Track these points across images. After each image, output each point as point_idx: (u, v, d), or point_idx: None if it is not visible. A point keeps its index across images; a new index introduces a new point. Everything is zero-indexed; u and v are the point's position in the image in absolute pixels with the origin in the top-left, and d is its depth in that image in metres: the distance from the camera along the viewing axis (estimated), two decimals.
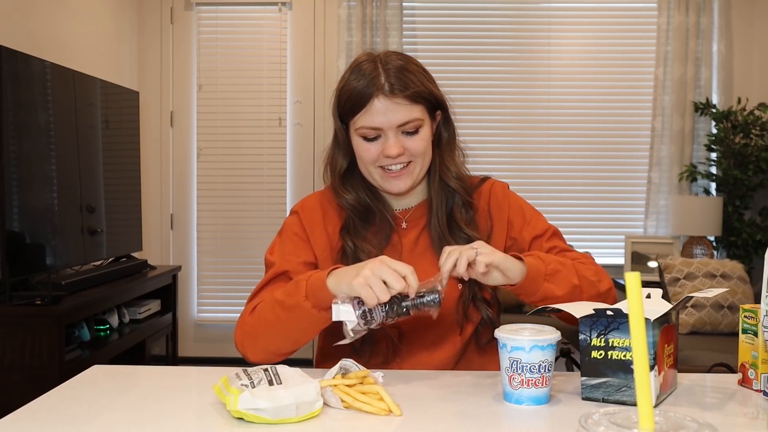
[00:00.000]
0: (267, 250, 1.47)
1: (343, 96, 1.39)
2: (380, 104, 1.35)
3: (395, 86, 1.34)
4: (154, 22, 4.70)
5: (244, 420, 1.03)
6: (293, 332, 1.29)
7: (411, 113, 1.36)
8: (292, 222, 1.48)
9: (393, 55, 1.40)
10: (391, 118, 1.35)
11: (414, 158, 1.40)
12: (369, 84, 1.35)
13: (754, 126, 4.33)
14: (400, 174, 1.40)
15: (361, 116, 1.36)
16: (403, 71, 1.37)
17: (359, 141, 1.39)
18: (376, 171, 1.41)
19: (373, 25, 4.58)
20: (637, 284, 0.68)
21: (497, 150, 4.69)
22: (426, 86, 1.39)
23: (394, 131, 1.36)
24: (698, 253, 4.31)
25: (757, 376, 1.20)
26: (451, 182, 1.46)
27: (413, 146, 1.38)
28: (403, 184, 1.41)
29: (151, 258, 4.19)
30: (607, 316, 1.12)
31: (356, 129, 1.38)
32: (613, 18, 4.70)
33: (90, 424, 1.03)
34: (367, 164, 1.41)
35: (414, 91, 1.36)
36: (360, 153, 1.40)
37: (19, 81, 2.86)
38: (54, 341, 2.70)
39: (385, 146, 1.37)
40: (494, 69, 4.72)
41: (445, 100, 1.44)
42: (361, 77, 1.36)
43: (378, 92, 1.34)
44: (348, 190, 1.45)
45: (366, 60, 1.40)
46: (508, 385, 1.13)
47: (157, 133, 4.71)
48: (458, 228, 1.44)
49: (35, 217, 2.98)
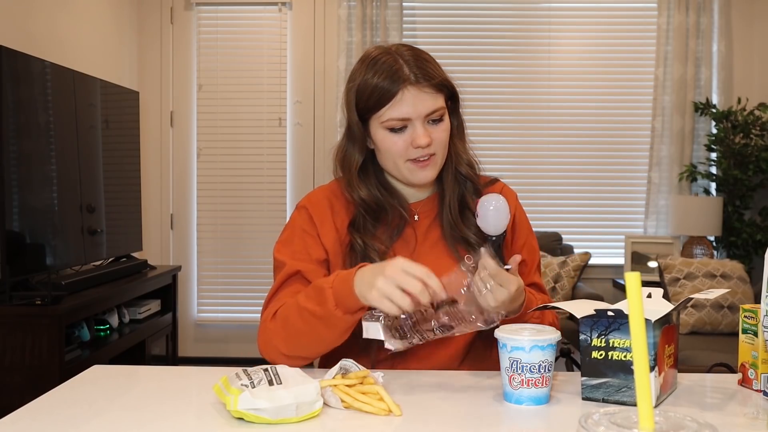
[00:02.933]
0: (275, 248, 1.45)
1: (365, 92, 1.37)
2: (409, 94, 1.34)
3: (420, 76, 1.35)
4: (154, 22, 4.70)
5: (244, 420, 1.03)
6: (329, 339, 1.29)
7: (436, 102, 1.37)
8: (300, 217, 1.46)
9: (403, 47, 1.40)
10: (419, 107, 1.35)
11: (437, 149, 1.40)
12: (394, 76, 1.34)
13: (754, 126, 4.33)
14: (426, 164, 1.39)
15: (389, 109, 1.35)
16: (421, 61, 1.38)
17: (385, 134, 1.38)
18: (405, 164, 1.39)
19: (373, 25, 4.58)
20: (637, 284, 0.68)
21: (497, 150, 4.69)
22: (445, 75, 1.41)
23: (421, 121, 1.36)
24: (698, 253, 4.31)
25: (757, 376, 1.20)
26: (463, 168, 1.46)
27: (438, 136, 1.38)
28: (430, 174, 1.40)
29: (151, 258, 4.19)
30: (608, 316, 1.12)
31: (382, 122, 1.37)
32: (613, 18, 4.70)
33: (90, 424, 1.03)
34: (396, 157, 1.39)
35: (439, 80, 1.37)
36: (388, 146, 1.38)
37: (19, 81, 2.86)
38: (54, 341, 2.70)
39: (414, 136, 1.36)
40: (494, 69, 4.72)
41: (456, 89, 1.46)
42: (383, 71, 1.35)
43: (406, 83, 1.34)
44: (362, 187, 1.44)
45: (381, 53, 1.39)
46: (508, 385, 1.13)
47: (157, 133, 4.72)
48: (470, 213, 1.44)
49: (35, 217, 2.98)
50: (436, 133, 1.38)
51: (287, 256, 1.41)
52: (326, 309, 1.24)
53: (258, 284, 4.63)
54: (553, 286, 4.09)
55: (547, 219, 4.62)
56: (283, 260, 1.41)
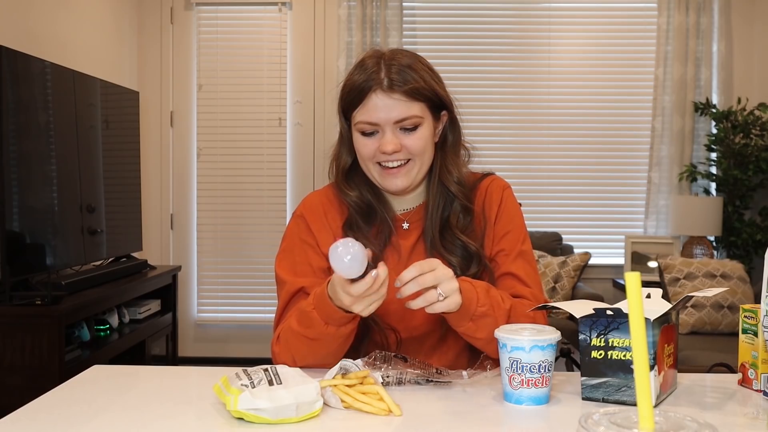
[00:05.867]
0: (276, 260, 1.44)
1: (345, 91, 1.38)
2: (377, 99, 1.33)
3: (394, 82, 1.33)
4: (154, 22, 4.70)
5: (244, 420, 1.03)
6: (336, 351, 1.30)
7: (409, 110, 1.34)
8: (298, 227, 1.45)
9: (400, 53, 1.38)
10: (388, 113, 1.33)
11: (412, 156, 1.37)
12: (368, 79, 1.33)
13: (754, 126, 4.33)
14: (397, 172, 1.37)
15: (359, 111, 1.35)
16: (407, 68, 1.34)
17: (358, 136, 1.38)
18: (374, 168, 1.38)
19: (373, 25, 4.58)
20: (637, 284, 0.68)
21: (497, 150, 4.69)
22: (428, 84, 1.36)
23: (391, 127, 1.34)
24: (698, 253, 4.31)
25: (757, 376, 1.20)
26: (452, 186, 1.41)
27: (411, 144, 1.35)
28: (400, 182, 1.38)
29: (151, 258, 4.19)
30: (607, 316, 1.12)
31: (355, 124, 1.37)
32: (613, 18, 4.70)
33: (90, 424, 1.03)
34: (366, 160, 1.39)
35: (413, 87, 1.33)
36: (358, 149, 1.39)
37: (19, 81, 2.86)
38: (54, 341, 2.70)
39: (381, 142, 1.34)
40: (494, 69, 4.72)
41: (451, 100, 1.42)
42: (362, 72, 1.35)
43: (376, 87, 1.33)
44: (351, 188, 1.43)
45: (371, 56, 1.38)
46: (508, 385, 1.13)
47: (157, 133, 4.72)
48: (452, 234, 1.40)
49: (35, 217, 2.98)
50: (409, 141, 1.35)
51: (288, 272, 1.41)
52: (318, 330, 1.26)
53: (258, 284, 4.64)
54: (553, 286, 4.09)
55: (547, 219, 4.63)
56: (284, 278, 1.41)
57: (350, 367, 1.14)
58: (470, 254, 1.39)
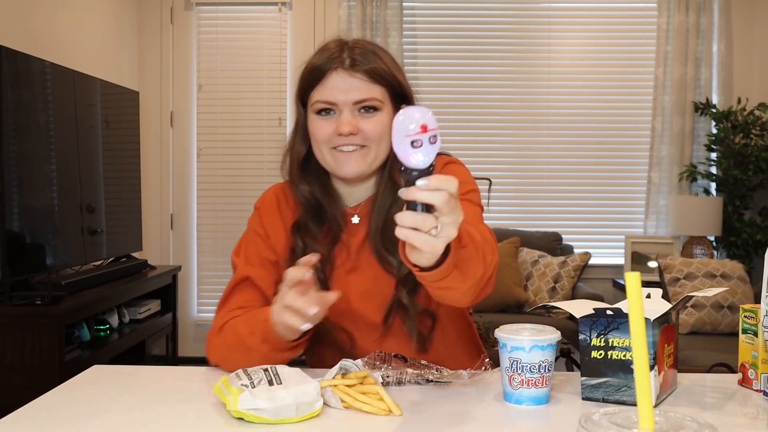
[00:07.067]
0: (233, 249, 1.45)
1: (304, 73, 1.36)
2: (338, 77, 1.30)
3: (357, 61, 1.30)
4: (154, 22, 4.70)
5: (244, 420, 1.03)
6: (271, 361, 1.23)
7: (369, 91, 1.30)
8: (253, 219, 1.46)
9: (364, 41, 1.36)
10: (347, 93, 1.29)
11: (368, 143, 1.31)
12: (329, 59, 1.31)
13: (754, 126, 4.33)
14: (351, 155, 1.31)
15: (318, 90, 1.32)
16: (370, 52, 1.32)
17: (314, 118, 1.33)
18: (329, 152, 1.33)
19: (373, 25, 4.58)
20: (637, 284, 0.68)
21: (497, 150, 4.69)
22: (390, 70, 1.33)
23: (349, 108, 1.30)
24: (698, 253, 4.31)
25: (757, 376, 1.20)
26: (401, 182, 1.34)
27: (369, 128, 1.30)
28: (354, 166, 1.32)
29: (151, 258, 4.19)
30: (607, 316, 1.12)
31: (312, 105, 1.33)
32: (613, 18, 4.70)
33: (90, 424, 1.03)
34: (320, 143, 1.33)
35: (374, 67, 1.30)
36: (313, 131, 1.34)
37: (19, 81, 2.86)
38: (54, 341, 2.70)
39: (338, 122, 1.30)
40: (494, 69, 4.72)
41: (412, 93, 1.36)
42: (323, 54, 1.34)
43: (338, 65, 1.30)
44: (304, 181, 1.39)
45: (334, 41, 1.36)
46: (508, 385, 1.13)
47: (157, 133, 4.71)
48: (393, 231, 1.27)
49: (35, 217, 2.98)
50: (367, 124, 1.30)
51: (241, 260, 1.41)
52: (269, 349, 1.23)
53: None
54: (553, 286, 4.09)
55: (547, 219, 4.63)
56: (236, 263, 1.42)
57: (350, 367, 1.14)
58: None
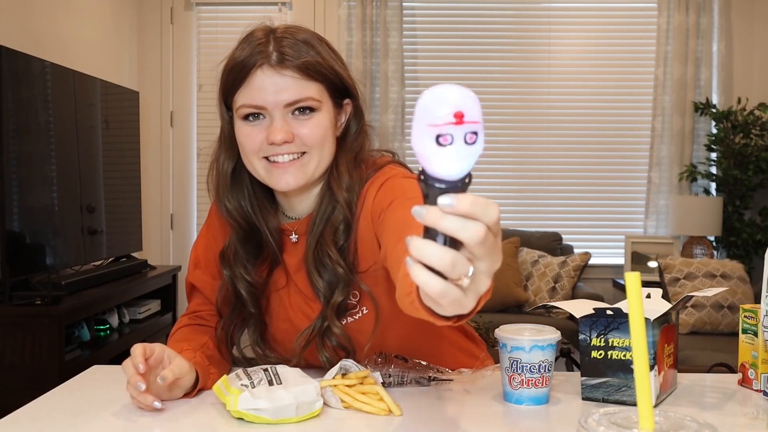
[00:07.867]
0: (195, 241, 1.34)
1: (226, 70, 1.15)
2: (264, 76, 1.10)
3: (286, 56, 1.10)
4: (154, 22, 4.70)
5: (244, 420, 1.03)
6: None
7: (303, 90, 1.11)
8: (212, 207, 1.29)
9: (295, 28, 1.16)
10: (277, 94, 1.10)
11: (308, 149, 1.13)
12: (252, 53, 1.11)
13: (754, 126, 4.33)
14: (288, 166, 1.13)
15: (242, 92, 1.12)
16: (302, 42, 1.12)
17: (240, 125, 1.13)
18: (260, 163, 1.14)
19: (373, 25, 4.58)
20: (637, 284, 0.68)
21: (497, 150, 4.69)
22: (328, 62, 1.14)
23: (281, 112, 1.11)
24: (698, 253, 4.31)
25: (757, 376, 1.20)
26: (339, 194, 1.15)
27: (306, 133, 1.12)
28: (292, 179, 1.13)
29: (151, 258, 4.19)
30: (607, 315, 1.12)
31: (237, 109, 1.13)
32: (613, 18, 4.70)
33: (90, 424, 1.03)
34: (249, 155, 1.14)
35: (308, 61, 1.11)
36: (241, 140, 1.14)
37: (19, 81, 2.86)
38: (54, 341, 2.70)
39: (269, 130, 1.11)
40: (494, 69, 4.72)
41: (355, 86, 1.19)
42: (247, 46, 1.13)
43: (263, 62, 1.10)
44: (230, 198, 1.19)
45: (260, 29, 1.16)
46: (508, 385, 1.13)
47: (157, 133, 4.71)
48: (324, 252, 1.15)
49: (35, 217, 2.98)
50: (304, 129, 1.12)
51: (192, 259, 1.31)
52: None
53: None
54: (553, 286, 4.09)
55: (547, 219, 4.63)
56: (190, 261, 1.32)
57: (350, 367, 1.14)
58: (337, 278, 1.15)
